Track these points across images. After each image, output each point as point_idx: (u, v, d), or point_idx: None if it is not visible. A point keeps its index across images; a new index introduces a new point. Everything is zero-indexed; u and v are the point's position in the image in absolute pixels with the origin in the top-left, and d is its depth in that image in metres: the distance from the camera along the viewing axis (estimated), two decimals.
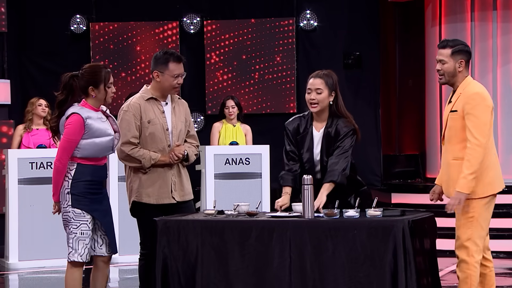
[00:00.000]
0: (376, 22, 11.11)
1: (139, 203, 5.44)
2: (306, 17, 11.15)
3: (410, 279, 4.61)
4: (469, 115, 5.06)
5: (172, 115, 5.48)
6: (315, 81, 5.32)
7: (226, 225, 4.93)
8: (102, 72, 5.18)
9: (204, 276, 4.90)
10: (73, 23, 11.26)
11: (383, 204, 9.63)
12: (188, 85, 11.25)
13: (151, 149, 5.42)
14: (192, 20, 11.29)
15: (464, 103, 5.11)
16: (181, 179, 5.50)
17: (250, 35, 11.15)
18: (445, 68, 5.18)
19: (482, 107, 5.08)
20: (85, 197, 5.18)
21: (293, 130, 5.36)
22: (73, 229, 5.19)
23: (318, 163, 5.31)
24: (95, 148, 5.17)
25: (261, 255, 4.81)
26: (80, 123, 5.12)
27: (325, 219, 4.85)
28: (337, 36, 11.06)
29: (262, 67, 11.15)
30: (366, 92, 11.03)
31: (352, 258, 4.69)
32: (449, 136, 5.18)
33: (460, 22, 10.48)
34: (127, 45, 11.22)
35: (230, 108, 9.07)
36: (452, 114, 5.17)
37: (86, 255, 5.20)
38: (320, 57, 10.98)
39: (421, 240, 4.84)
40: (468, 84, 5.19)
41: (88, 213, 5.19)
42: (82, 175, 5.18)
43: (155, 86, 5.47)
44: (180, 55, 5.53)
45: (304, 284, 4.75)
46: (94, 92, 5.18)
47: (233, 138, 9.08)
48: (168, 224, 5.01)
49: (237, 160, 8.78)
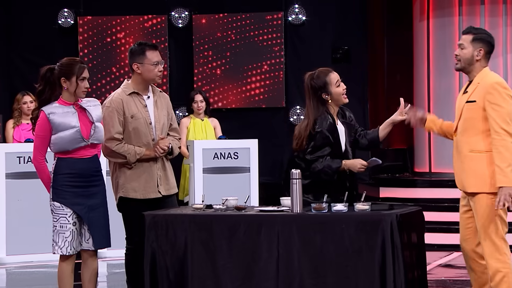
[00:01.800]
0: (364, 16, 11.12)
1: (125, 198, 5.42)
2: (295, 11, 11.14)
3: (398, 273, 4.61)
4: (493, 105, 4.89)
5: (155, 109, 5.47)
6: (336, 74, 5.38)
7: (214, 220, 4.93)
8: (76, 65, 5.21)
9: (192, 271, 4.89)
10: (60, 17, 11.22)
11: (372, 198, 9.64)
12: (176, 79, 11.25)
13: (135, 144, 5.41)
14: (181, 14, 11.27)
15: (485, 93, 4.93)
16: (166, 173, 5.50)
17: (239, 29, 11.14)
18: (462, 53, 5.03)
19: (504, 97, 4.91)
20: (65, 191, 5.20)
21: (329, 128, 5.29)
22: (54, 222, 5.23)
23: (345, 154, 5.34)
24: (62, 141, 5.19)
25: (249, 250, 4.81)
26: (44, 120, 5.18)
27: (313, 213, 4.85)
28: (325, 31, 11.06)
29: (250, 61, 11.14)
30: (354, 86, 11.00)
31: (340, 252, 4.70)
32: (464, 128, 4.99)
33: (448, 17, 10.49)
34: (115, 39, 11.18)
35: (199, 102, 9.11)
36: (469, 105, 4.99)
37: (67, 248, 5.20)
38: (308, 51, 10.98)
39: (409, 234, 4.85)
40: (486, 75, 5.02)
41: (68, 206, 5.19)
42: (61, 168, 5.22)
43: (136, 79, 5.46)
44: (154, 43, 5.53)
45: (291, 278, 4.75)
46: (66, 84, 5.21)
47: (202, 132, 9.12)
48: (156, 219, 5.00)
49: (225, 155, 8.77)
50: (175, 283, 4.92)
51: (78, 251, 5.27)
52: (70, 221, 5.20)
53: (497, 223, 4.93)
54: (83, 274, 5.33)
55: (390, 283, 4.60)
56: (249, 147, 8.80)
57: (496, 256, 4.91)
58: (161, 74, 5.46)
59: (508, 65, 10.30)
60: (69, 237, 5.20)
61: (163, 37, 11.13)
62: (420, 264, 5.03)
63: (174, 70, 11.27)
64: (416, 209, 5.12)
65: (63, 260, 5.25)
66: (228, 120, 10.03)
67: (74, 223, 5.22)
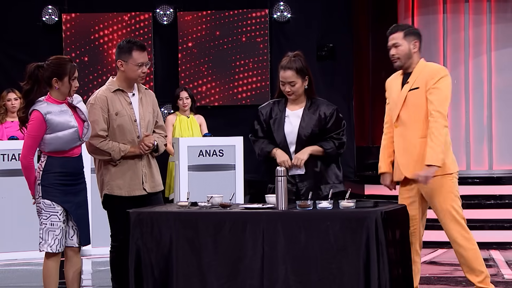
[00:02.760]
0: (349, 14, 11.14)
1: (110, 195, 5.41)
2: (280, 8, 11.15)
3: (382, 270, 4.63)
4: (434, 89, 5.07)
5: (140, 106, 5.45)
6: (286, 73, 5.33)
7: (199, 217, 4.93)
8: (67, 65, 5.17)
9: (177, 268, 4.89)
10: (45, 14, 11.18)
11: (357, 195, 9.66)
12: (161, 76, 11.23)
13: (120, 141, 5.39)
14: (165, 11, 11.25)
15: (428, 78, 5.10)
16: (151, 170, 5.49)
17: (224, 26, 11.13)
18: (400, 50, 5.19)
19: (446, 82, 5.10)
20: (56, 189, 5.18)
21: (266, 114, 5.38)
22: (43, 220, 5.20)
23: (293, 145, 5.33)
24: (59, 141, 5.17)
25: (234, 247, 4.81)
26: (40, 120, 5.12)
27: (298, 210, 4.86)
28: (310, 28, 11.08)
29: (235, 58, 11.14)
30: (340, 83, 11.06)
31: (325, 250, 4.71)
32: (409, 116, 5.15)
33: (432, 14, 10.53)
34: (100, 36, 11.15)
35: (184, 99, 9.12)
36: (412, 93, 5.15)
37: (57, 246, 5.20)
38: (293, 48, 10.89)
39: (393, 231, 4.86)
40: (426, 65, 5.21)
41: (59, 204, 5.19)
42: (52, 166, 5.19)
43: (120, 76, 5.44)
44: (143, 43, 5.49)
45: (276, 275, 4.75)
46: (58, 84, 5.18)
47: (188, 129, 9.12)
48: (141, 216, 4.99)
49: (210, 152, 8.77)
50: (160, 281, 4.92)
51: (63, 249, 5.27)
52: (61, 218, 5.19)
53: (458, 202, 5.13)
54: (67, 272, 5.32)
55: (374, 280, 4.62)
56: (235, 145, 8.81)
57: (463, 235, 5.11)
58: (145, 75, 5.43)
59: (492, 63, 10.35)
60: (59, 234, 5.20)
61: (148, 35, 11.11)
62: (404, 261, 5.05)
63: (159, 68, 11.25)
64: (401, 206, 5.14)
65: (49, 258, 5.24)
66: (214, 118, 10.03)
67: (64, 220, 5.22)
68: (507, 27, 10.30)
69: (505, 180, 9.87)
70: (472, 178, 9.58)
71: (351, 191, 5.07)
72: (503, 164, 10.32)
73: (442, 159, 5.05)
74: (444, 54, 10.50)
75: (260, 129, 5.43)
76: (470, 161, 10.18)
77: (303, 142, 5.32)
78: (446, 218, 5.14)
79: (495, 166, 10.29)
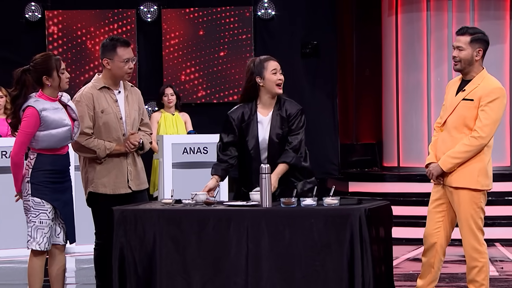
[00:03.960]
0: (333, 11, 11.14)
1: (95, 193, 5.39)
2: (264, 6, 11.14)
3: (366, 267, 4.63)
4: (486, 108, 5.03)
5: (125, 104, 5.43)
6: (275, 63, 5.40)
7: (183, 215, 4.92)
8: (52, 59, 5.17)
9: (161, 266, 4.87)
10: (28, 11, 11.11)
11: (341, 192, 9.68)
12: (145, 74, 11.20)
13: (105, 138, 5.37)
14: (149, 8, 11.21)
15: (483, 95, 5.04)
16: (136, 168, 5.47)
17: (208, 23, 11.11)
18: (462, 55, 5.10)
19: (500, 104, 5.07)
20: (46, 186, 5.17)
21: (237, 119, 5.36)
22: (32, 217, 5.17)
23: (266, 150, 5.32)
24: (52, 139, 5.14)
25: (219, 244, 4.80)
26: (35, 116, 5.09)
27: (282, 208, 4.86)
28: (294, 25, 11.07)
29: (219, 56, 11.12)
30: (324, 81, 11.06)
31: (309, 247, 4.70)
32: (456, 125, 5.11)
33: (416, 12, 10.56)
34: (84, 33, 11.10)
35: (169, 95, 9.11)
36: (465, 103, 5.08)
37: (45, 244, 5.18)
38: (278, 46, 10.98)
39: (377, 228, 4.87)
40: (486, 77, 5.14)
41: (49, 202, 5.17)
42: (42, 164, 5.17)
43: (107, 74, 5.42)
44: (127, 39, 5.47)
45: (261, 272, 4.75)
46: (49, 81, 5.17)
47: (173, 127, 9.10)
48: (125, 214, 4.97)
49: (195, 149, 8.76)
50: (144, 278, 4.90)
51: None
52: (50, 216, 5.18)
53: (478, 216, 5.10)
54: (51, 270, 5.30)
55: (358, 277, 4.62)
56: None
57: (476, 248, 5.10)
58: (131, 71, 5.41)
59: None
60: (47, 233, 5.18)
61: (132, 32, 11.07)
62: (388, 259, 5.06)
63: (143, 65, 11.21)
64: (385, 203, 5.14)
65: (35, 256, 5.21)
66: (198, 115, 10.01)
67: (52, 218, 5.21)
68: (490, 24, 10.34)
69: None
70: None
71: (335, 189, 5.07)
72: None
73: (450, 169, 5.07)
74: (427, 52, 10.53)
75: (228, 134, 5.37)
76: None
77: (275, 146, 5.31)
78: (465, 228, 5.12)
79: None
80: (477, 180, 5.09)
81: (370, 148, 11.71)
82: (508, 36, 10.41)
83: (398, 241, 8.28)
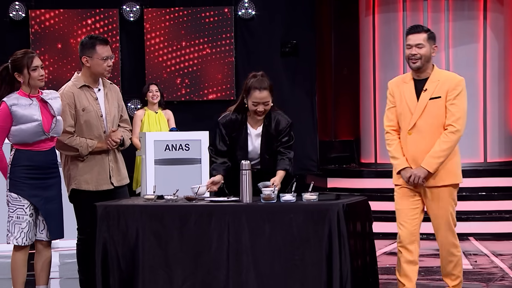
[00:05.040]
0: (312, 11, 11.16)
1: (77, 190, 5.37)
2: (244, 5, 11.13)
3: (344, 261, 4.65)
4: (455, 101, 4.98)
5: (105, 101, 5.42)
6: (263, 94, 5.24)
7: (165, 210, 4.91)
8: (24, 57, 5.16)
9: (143, 260, 4.87)
10: (12, 10, 11.05)
11: (319, 188, 9.70)
12: (128, 72, 11.16)
13: (87, 136, 5.36)
14: (132, 8, 11.17)
15: (449, 89, 5.00)
16: (117, 165, 5.46)
17: (190, 23, 11.09)
18: (423, 52, 5.04)
19: (465, 94, 5.04)
20: (23, 182, 5.15)
21: (227, 128, 5.34)
22: (10, 212, 5.17)
23: (254, 160, 5.31)
24: (23, 134, 5.14)
25: (200, 239, 4.80)
26: (5, 110, 5.12)
27: (262, 203, 4.86)
28: (274, 25, 11.08)
29: (201, 55, 11.11)
30: (303, 79, 11.08)
31: (288, 241, 4.71)
32: (430, 125, 5.01)
33: (392, 12, 10.59)
34: (67, 32, 11.05)
35: (154, 91, 9.14)
36: (434, 102, 5.01)
37: (23, 239, 5.16)
38: (258, 45, 10.98)
39: (355, 223, 4.88)
40: (442, 72, 5.12)
41: (25, 198, 5.15)
42: (19, 160, 5.16)
43: (86, 72, 5.40)
44: (105, 38, 5.47)
45: (241, 267, 4.75)
46: (20, 78, 5.17)
47: (156, 124, 9.10)
48: (108, 209, 4.96)
49: (177, 146, 8.74)
50: (127, 272, 4.89)
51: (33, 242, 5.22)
52: (27, 212, 5.15)
53: (454, 211, 5.12)
54: (36, 264, 5.29)
55: (336, 271, 4.63)
56: (200, 139, 8.79)
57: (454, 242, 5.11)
58: (110, 68, 5.40)
59: (450, 59, 10.44)
60: (25, 228, 5.16)
61: (115, 31, 11.03)
62: (368, 252, 5.07)
63: (126, 63, 11.18)
64: (362, 199, 5.16)
65: (17, 250, 5.21)
66: (180, 113, 9.99)
67: (31, 214, 5.18)
68: (464, 24, 10.40)
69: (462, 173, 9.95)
70: None
71: (314, 184, 5.08)
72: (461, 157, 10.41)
73: (436, 169, 5.02)
74: (404, 51, 10.56)
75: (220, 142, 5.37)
76: None
77: (266, 160, 5.33)
78: (442, 224, 5.08)
79: None
80: (458, 174, 5.11)
81: (348, 145, 11.74)
82: (481, 35, 10.47)
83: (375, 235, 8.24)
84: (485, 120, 10.48)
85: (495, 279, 6.69)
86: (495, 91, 10.52)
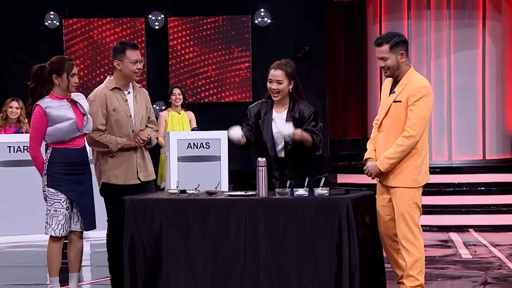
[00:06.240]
0: (323, 19, 11.14)
1: (107, 184, 5.39)
2: (261, 14, 11.13)
3: (353, 252, 4.63)
4: (413, 107, 4.79)
5: (134, 103, 5.44)
6: (276, 72, 5.29)
7: (187, 204, 4.91)
8: (65, 63, 5.20)
9: (167, 250, 4.87)
10: (47, 19, 11.11)
11: (330, 184, 9.66)
12: (153, 76, 11.19)
13: (117, 134, 5.37)
14: (157, 17, 11.20)
15: (409, 95, 4.83)
16: (144, 161, 5.47)
17: (210, 31, 11.10)
18: (388, 63, 4.88)
19: (426, 102, 4.82)
20: (60, 178, 5.19)
21: (254, 114, 5.34)
22: (48, 206, 5.21)
23: (279, 144, 5.27)
24: (59, 132, 5.18)
25: (219, 231, 4.80)
26: (40, 113, 5.16)
27: (277, 197, 4.85)
28: (288, 32, 11.07)
29: (221, 60, 11.11)
30: (315, 83, 11.06)
31: (301, 233, 4.70)
32: (390, 126, 4.91)
33: (398, 20, 10.55)
34: (97, 39, 11.09)
35: (177, 95, 9.14)
36: (396, 105, 4.88)
37: (60, 230, 5.20)
38: (273, 51, 10.97)
39: (363, 215, 4.87)
40: (413, 76, 4.90)
41: (62, 192, 5.19)
42: (56, 158, 5.20)
43: (117, 75, 5.42)
44: (135, 43, 5.49)
45: (257, 256, 4.75)
46: (58, 80, 5.20)
47: (179, 124, 9.14)
48: (135, 203, 4.97)
49: (198, 144, 8.76)
50: (151, 261, 4.90)
51: (68, 233, 5.26)
52: (64, 205, 5.20)
53: (415, 212, 4.90)
54: (70, 253, 5.32)
55: (345, 260, 4.62)
56: (220, 138, 8.80)
57: (413, 242, 4.88)
58: (139, 71, 5.42)
59: (451, 64, 10.39)
60: (62, 220, 5.20)
61: (141, 38, 11.06)
62: (374, 243, 5.05)
63: (152, 68, 11.20)
64: (370, 193, 5.14)
65: (53, 241, 5.25)
66: (201, 113, 10.01)
67: (67, 207, 5.22)
68: (465, 32, 10.35)
69: (463, 169, 9.95)
70: (434, 167, 9.61)
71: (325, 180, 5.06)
72: (461, 155, 10.38)
73: (387, 169, 4.90)
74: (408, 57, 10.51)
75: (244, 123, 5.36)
76: (431, 152, 10.22)
77: (289, 145, 5.25)
78: (402, 223, 4.89)
79: (454, 157, 10.36)
80: (413, 179, 4.86)
81: (356, 144, 11.71)
82: (480, 42, 10.41)
83: None
84: (484, 120, 10.43)
85: (493, 267, 6.66)
86: (493, 94, 10.46)
